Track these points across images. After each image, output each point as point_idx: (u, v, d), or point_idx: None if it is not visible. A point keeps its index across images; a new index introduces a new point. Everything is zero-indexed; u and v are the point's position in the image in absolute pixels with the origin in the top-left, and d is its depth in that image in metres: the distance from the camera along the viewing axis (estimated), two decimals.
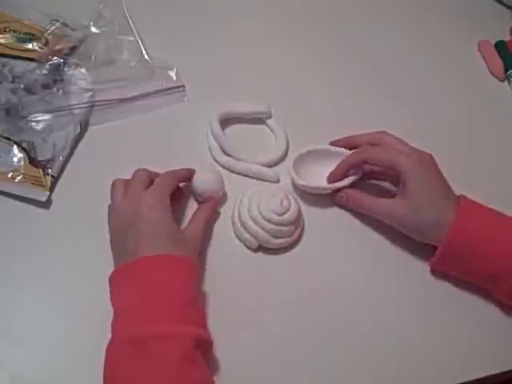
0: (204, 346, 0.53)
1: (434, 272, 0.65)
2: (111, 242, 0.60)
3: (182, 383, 0.50)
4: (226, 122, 0.72)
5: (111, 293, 0.56)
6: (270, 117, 0.74)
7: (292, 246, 0.65)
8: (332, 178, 0.67)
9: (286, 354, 0.59)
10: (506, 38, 0.89)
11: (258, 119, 0.74)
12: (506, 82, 0.86)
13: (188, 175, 0.65)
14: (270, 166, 0.70)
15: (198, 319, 0.55)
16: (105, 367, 0.52)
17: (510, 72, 0.85)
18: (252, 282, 0.62)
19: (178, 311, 0.53)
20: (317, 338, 0.60)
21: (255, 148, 0.71)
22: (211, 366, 0.55)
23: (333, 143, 0.69)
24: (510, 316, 0.64)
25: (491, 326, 0.63)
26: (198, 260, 0.60)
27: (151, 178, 0.62)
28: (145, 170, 0.62)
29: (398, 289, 0.64)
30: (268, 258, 0.64)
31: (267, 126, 0.74)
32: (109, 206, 0.61)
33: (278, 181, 0.69)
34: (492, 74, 0.86)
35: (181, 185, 0.65)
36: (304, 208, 0.67)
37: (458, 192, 0.63)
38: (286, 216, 0.63)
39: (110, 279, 0.57)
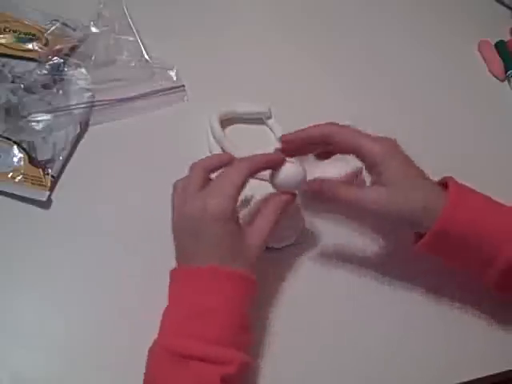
0: (245, 372, 0.52)
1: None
2: (174, 238, 0.57)
3: None
4: (226, 121, 0.72)
5: (169, 284, 0.55)
6: (270, 117, 0.74)
7: (292, 245, 0.65)
8: (284, 141, 0.61)
9: (286, 353, 0.59)
10: (506, 38, 0.89)
11: (258, 119, 0.74)
12: (506, 82, 0.86)
13: (267, 165, 0.59)
14: None
15: (245, 344, 0.53)
16: (146, 367, 0.51)
17: (509, 72, 0.85)
18: None
19: (228, 334, 0.52)
20: (317, 338, 0.60)
21: (255, 148, 0.71)
22: None
23: (283, 142, 0.61)
24: (510, 316, 0.64)
25: (491, 326, 0.63)
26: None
27: (215, 167, 0.58)
28: (200, 164, 0.58)
29: (397, 288, 0.64)
30: (268, 258, 0.64)
31: (267, 125, 0.74)
32: (177, 181, 0.58)
33: None
34: (492, 74, 0.86)
35: None
36: (304, 208, 0.67)
37: None
38: (285, 218, 0.63)
39: (171, 274, 0.55)
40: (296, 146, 0.61)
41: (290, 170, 0.59)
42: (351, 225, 0.68)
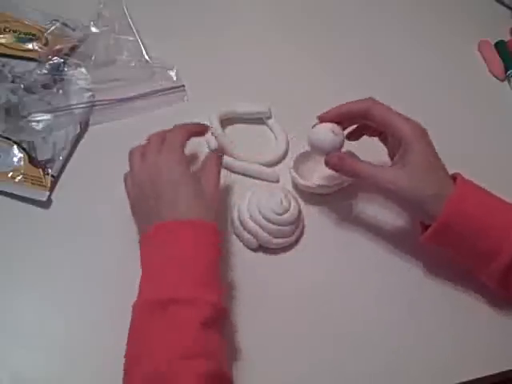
0: (222, 314, 0.54)
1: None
2: (133, 209, 0.61)
3: (198, 347, 0.50)
4: (226, 121, 0.72)
5: (140, 255, 0.57)
6: (270, 117, 0.74)
7: (292, 245, 0.65)
8: (322, 118, 0.63)
9: (286, 353, 0.59)
10: (506, 38, 0.89)
11: (259, 119, 0.74)
12: (506, 82, 0.86)
13: (200, 130, 0.64)
14: (269, 165, 0.70)
15: (218, 288, 0.55)
16: (130, 325, 0.52)
17: (509, 72, 0.85)
18: (252, 281, 0.62)
19: (202, 278, 0.54)
20: (316, 337, 0.60)
21: (255, 148, 0.71)
22: None
23: (321, 118, 0.64)
24: (510, 316, 0.64)
25: (491, 326, 0.63)
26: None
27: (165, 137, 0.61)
28: (158, 133, 0.62)
29: (397, 288, 0.64)
30: (268, 257, 0.64)
31: (267, 125, 0.74)
32: (126, 174, 0.61)
33: (277, 180, 0.69)
34: (492, 74, 0.86)
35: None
36: (304, 208, 0.67)
37: None
38: (285, 216, 0.63)
39: (139, 242, 0.58)
40: (335, 120, 0.63)
41: (328, 135, 0.61)
42: (351, 225, 0.68)
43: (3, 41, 0.72)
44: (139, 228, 0.60)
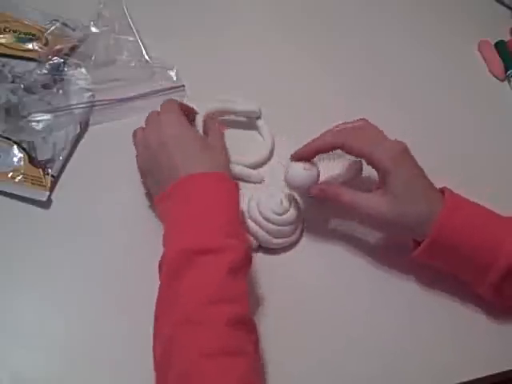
0: (249, 260, 0.55)
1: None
2: (143, 173, 0.63)
3: (225, 292, 0.51)
4: (218, 115, 0.71)
5: (159, 215, 0.60)
6: (260, 117, 0.73)
7: (292, 245, 0.65)
8: (295, 157, 0.63)
9: (286, 353, 0.59)
10: (506, 38, 0.89)
11: (248, 118, 0.73)
12: (506, 82, 0.86)
13: (189, 110, 0.67)
14: (254, 167, 0.70)
15: (243, 234, 0.57)
16: (160, 282, 0.53)
17: (509, 72, 0.85)
18: (251, 281, 0.62)
19: (227, 226, 0.55)
20: (315, 338, 0.60)
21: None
22: None
23: (293, 158, 0.64)
24: (510, 316, 0.64)
25: (491, 326, 0.63)
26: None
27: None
28: (155, 111, 0.63)
29: (396, 289, 0.64)
30: (268, 257, 0.64)
31: (256, 126, 0.73)
32: (134, 135, 0.63)
33: (261, 182, 0.69)
34: (492, 74, 0.86)
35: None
36: (304, 208, 0.67)
37: (457, 190, 0.63)
38: (285, 216, 0.63)
39: (156, 204, 0.59)
40: (308, 158, 0.64)
41: (301, 172, 0.62)
42: (352, 225, 0.68)
43: (3, 41, 0.72)
44: (153, 192, 0.62)
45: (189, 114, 0.67)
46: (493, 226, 0.59)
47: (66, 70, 0.72)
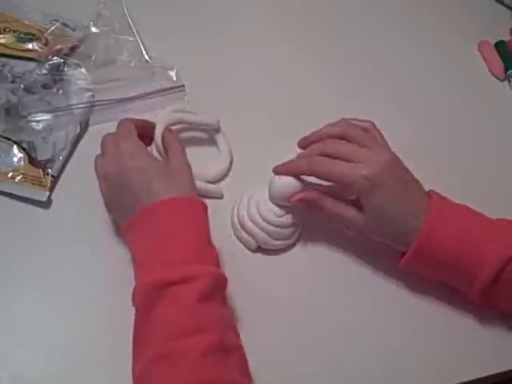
0: (220, 283, 0.54)
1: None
2: (107, 205, 0.61)
3: (197, 321, 0.50)
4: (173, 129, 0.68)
5: (127, 244, 0.58)
6: (219, 130, 0.71)
7: (291, 247, 0.65)
8: (276, 171, 0.62)
9: (285, 353, 0.59)
10: (506, 38, 0.89)
11: (205, 131, 0.72)
12: (506, 82, 0.86)
13: (146, 125, 0.65)
14: (214, 181, 0.68)
15: (213, 257, 0.55)
16: (135, 313, 0.53)
17: (509, 72, 0.85)
18: (251, 282, 0.62)
19: (194, 252, 0.54)
20: (315, 338, 0.60)
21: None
22: None
23: (275, 171, 0.63)
24: (511, 316, 0.64)
25: (491, 326, 0.63)
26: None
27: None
28: (109, 134, 0.62)
29: (396, 288, 0.64)
30: (267, 258, 0.64)
31: (214, 139, 0.71)
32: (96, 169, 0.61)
33: (221, 197, 0.67)
34: (492, 74, 0.86)
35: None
36: (304, 209, 0.67)
37: (457, 191, 0.63)
38: (285, 218, 0.63)
39: (122, 234, 0.59)
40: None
41: (284, 183, 0.61)
42: None
43: (3, 41, 0.72)
44: (119, 221, 0.60)
45: (147, 130, 0.64)
46: (477, 233, 0.58)
47: (65, 69, 0.72)
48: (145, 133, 0.64)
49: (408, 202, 0.58)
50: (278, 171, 0.62)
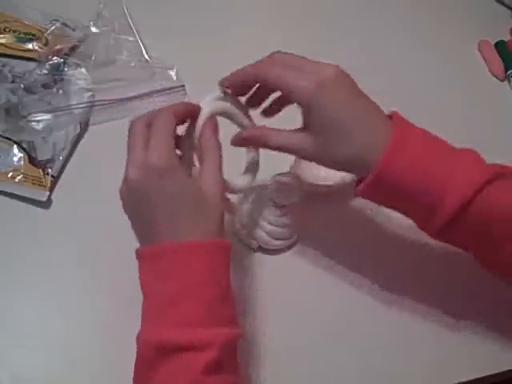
0: (231, 344, 0.49)
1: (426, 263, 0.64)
2: (124, 206, 0.52)
3: None
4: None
5: (138, 268, 0.50)
6: None
7: (291, 247, 0.65)
8: (221, 83, 0.56)
9: (285, 353, 0.59)
10: (506, 38, 0.89)
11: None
12: (506, 82, 0.86)
13: (190, 109, 0.54)
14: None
15: (228, 315, 0.49)
16: (136, 359, 0.49)
17: (509, 72, 0.85)
18: (251, 282, 0.62)
19: (207, 312, 0.48)
20: (315, 338, 0.60)
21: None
22: None
23: (224, 84, 0.56)
24: (510, 316, 0.64)
25: (491, 326, 0.63)
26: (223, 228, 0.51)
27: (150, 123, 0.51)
28: (141, 122, 0.51)
29: (396, 287, 0.64)
30: (267, 258, 0.64)
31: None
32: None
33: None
34: (492, 73, 0.86)
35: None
36: (304, 210, 0.67)
37: None
38: (285, 218, 0.63)
39: (138, 257, 0.51)
40: (237, 89, 0.57)
41: (284, 183, 0.61)
42: (352, 227, 0.68)
43: (3, 41, 0.72)
44: (134, 231, 0.53)
45: (190, 115, 0.55)
46: (443, 161, 0.51)
47: (66, 70, 0.72)
48: (187, 117, 0.54)
49: (364, 119, 0.51)
50: (224, 83, 0.55)
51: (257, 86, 0.57)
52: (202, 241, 0.49)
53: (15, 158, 0.65)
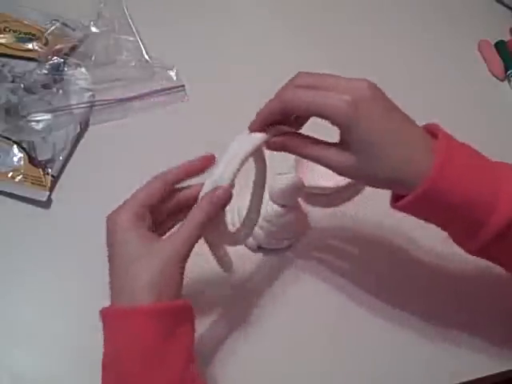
0: None
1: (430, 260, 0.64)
2: None
3: None
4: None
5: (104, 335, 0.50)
6: None
7: (291, 246, 0.65)
8: (251, 128, 0.53)
9: (286, 353, 0.59)
10: (506, 38, 0.89)
11: None
12: (506, 82, 0.86)
13: (189, 171, 0.54)
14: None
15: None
16: None
17: (509, 72, 0.85)
18: (251, 282, 0.62)
19: None
20: (316, 338, 0.60)
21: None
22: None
23: (251, 128, 0.53)
24: (510, 316, 0.64)
25: (491, 326, 0.63)
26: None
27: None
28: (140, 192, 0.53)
29: (397, 287, 0.64)
30: (267, 258, 0.64)
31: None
32: None
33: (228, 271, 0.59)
34: (492, 74, 0.86)
35: None
36: (305, 210, 0.67)
37: None
38: (285, 218, 0.63)
39: (103, 318, 0.50)
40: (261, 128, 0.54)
41: (285, 183, 0.60)
42: (353, 227, 0.68)
43: (3, 41, 0.72)
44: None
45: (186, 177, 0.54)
46: (489, 178, 0.50)
47: (65, 69, 0.72)
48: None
49: (402, 134, 0.50)
50: (252, 128, 0.53)
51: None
52: (147, 306, 0.48)
53: (15, 158, 0.65)
